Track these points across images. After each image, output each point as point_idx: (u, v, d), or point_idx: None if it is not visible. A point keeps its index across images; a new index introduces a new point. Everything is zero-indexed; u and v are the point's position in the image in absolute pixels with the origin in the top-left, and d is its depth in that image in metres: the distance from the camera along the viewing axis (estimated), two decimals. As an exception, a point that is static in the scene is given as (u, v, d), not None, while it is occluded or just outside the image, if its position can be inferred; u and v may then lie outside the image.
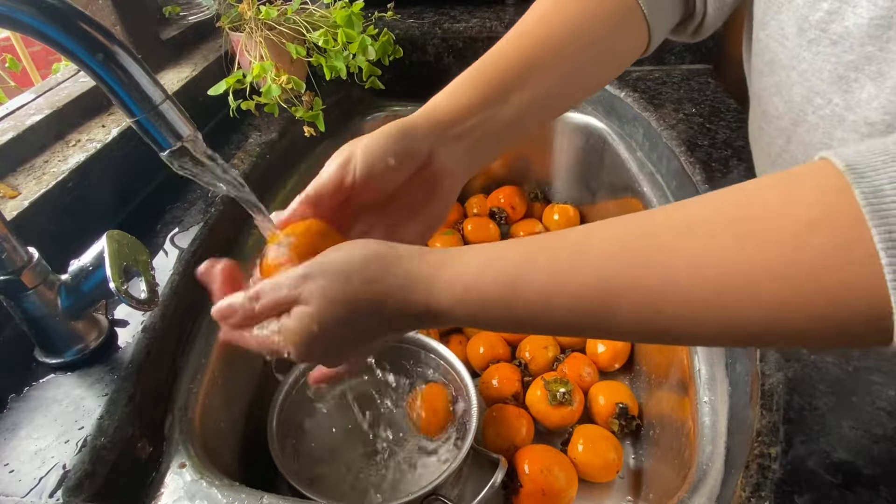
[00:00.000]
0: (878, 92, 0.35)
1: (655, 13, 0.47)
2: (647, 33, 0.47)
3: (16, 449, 0.44)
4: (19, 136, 0.63)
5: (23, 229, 0.53)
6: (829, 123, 0.39)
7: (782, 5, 0.41)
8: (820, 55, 0.38)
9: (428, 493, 0.57)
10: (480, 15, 1.00)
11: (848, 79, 0.37)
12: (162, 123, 0.36)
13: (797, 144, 0.43)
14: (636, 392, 0.78)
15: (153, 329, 0.54)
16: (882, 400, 0.44)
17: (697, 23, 0.50)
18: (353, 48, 0.84)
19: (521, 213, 1.06)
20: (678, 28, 0.51)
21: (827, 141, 0.40)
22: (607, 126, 0.94)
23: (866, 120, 0.36)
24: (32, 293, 0.47)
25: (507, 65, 0.44)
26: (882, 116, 0.35)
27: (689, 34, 0.52)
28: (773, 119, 0.45)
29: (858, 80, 0.36)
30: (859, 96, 0.36)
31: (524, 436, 0.72)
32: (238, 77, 0.81)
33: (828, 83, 0.38)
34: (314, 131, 0.85)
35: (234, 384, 0.64)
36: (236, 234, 0.72)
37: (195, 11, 0.93)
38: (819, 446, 0.42)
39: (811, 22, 0.38)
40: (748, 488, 0.40)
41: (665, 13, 0.48)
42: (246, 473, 0.63)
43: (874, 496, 0.39)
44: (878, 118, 0.36)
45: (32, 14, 0.32)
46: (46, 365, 0.51)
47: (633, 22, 0.46)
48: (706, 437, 0.51)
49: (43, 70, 1.08)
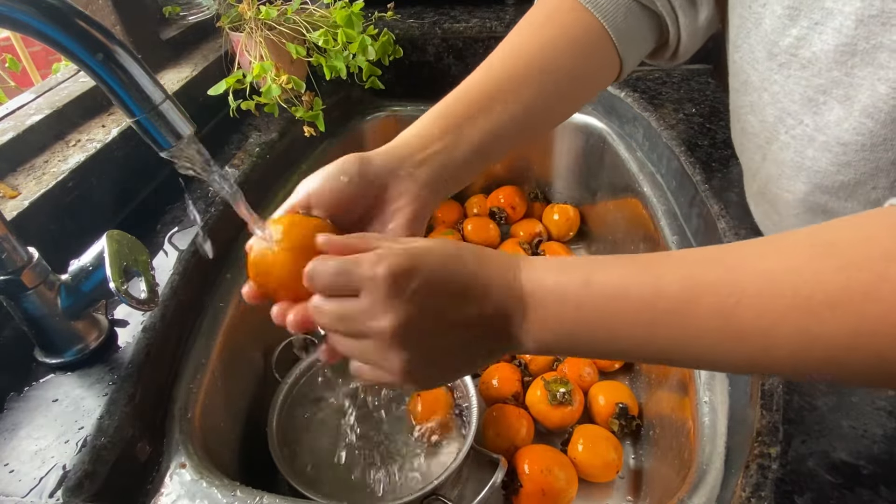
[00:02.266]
0: (847, 114, 0.36)
1: (626, 42, 0.48)
2: (619, 61, 0.48)
3: (16, 449, 0.44)
4: (19, 136, 0.63)
5: (23, 229, 0.53)
6: (800, 143, 0.40)
7: (751, 30, 0.42)
8: (791, 78, 0.39)
9: (428, 493, 0.57)
10: (480, 15, 1.00)
11: (817, 101, 0.38)
12: (162, 123, 0.35)
13: (771, 161, 0.45)
14: (636, 392, 0.78)
15: (153, 329, 0.54)
16: (882, 400, 0.44)
17: (672, 50, 0.51)
18: (353, 48, 0.84)
19: (521, 212, 1.06)
20: (654, 55, 0.53)
21: (799, 160, 0.41)
22: (607, 126, 0.94)
23: (839, 140, 0.38)
24: (32, 293, 0.47)
25: (469, 97, 0.45)
26: (855, 137, 0.37)
27: (665, 60, 0.53)
28: (751, 136, 0.46)
29: (827, 103, 0.38)
30: (828, 118, 0.38)
31: (524, 436, 0.72)
32: (238, 77, 0.81)
33: (799, 104, 0.39)
34: (314, 131, 0.85)
35: (234, 384, 0.64)
36: (236, 235, 0.72)
37: (195, 11, 0.93)
38: (819, 446, 0.42)
39: (781, 47, 0.39)
40: (748, 488, 0.40)
41: (636, 42, 0.49)
42: (246, 473, 0.63)
43: (874, 496, 0.39)
44: (850, 139, 0.37)
45: (32, 14, 0.32)
46: (46, 365, 0.51)
47: (603, 50, 0.47)
48: (706, 437, 0.51)
49: (43, 70, 1.08)
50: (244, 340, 0.68)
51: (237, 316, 0.65)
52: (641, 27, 0.49)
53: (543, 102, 0.47)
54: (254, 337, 0.70)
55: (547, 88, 0.46)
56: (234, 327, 0.64)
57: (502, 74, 0.46)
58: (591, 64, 0.48)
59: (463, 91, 0.46)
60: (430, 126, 0.44)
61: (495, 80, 0.45)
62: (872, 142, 0.36)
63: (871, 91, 0.34)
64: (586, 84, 0.49)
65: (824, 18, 0.36)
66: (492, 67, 0.46)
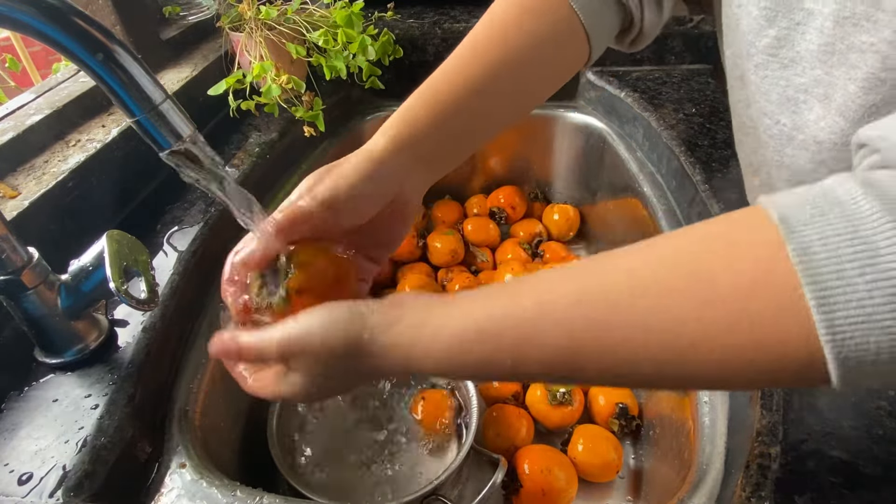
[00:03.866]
0: (825, 113, 0.37)
1: (595, 27, 0.48)
2: (588, 47, 0.49)
3: (16, 449, 0.44)
4: (19, 136, 0.63)
5: (23, 229, 0.53)
6: (778, 142, 0.41)
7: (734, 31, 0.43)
8: (767, 79, 0.40)
9: (428, 493, 0.57)
10: (480, 15, 0.99)
11: (797, 100, 0.38)
12: (162, 123, 0.36)
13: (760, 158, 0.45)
14: (636, 392, 0.77)
15: (153, 329, 0.54)
16: (882, 400, 0.44)
17: (636, 33, 0.52)
18: (353, 48, 0.84)
19: (521, 213, 1.06)
20: (617, 39, 0.53)
21: (779, 158, 0.42)
22: (607, 126, 0.94)
23: (815, 139, 0.38)
24: (32, 293, 0.47)
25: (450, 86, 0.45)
26: (829, 136, 0.37)
27: (626, 45, 0.54)
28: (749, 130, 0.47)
29: (807, 102, 0.38)
30: (807, 117, 0.38)
31: (524, 436, 0.72)
32: (238, 77, 0.81)
33: (776, 104, 0.40)
34: (314, 131, 0.85)
35: (234, 384, 0.64)
36: (236, 235, 0.72)
37: (195, 11, 0.93)
38: (819, 446, 0.42)
39: (758, 47, 0.40)
40: (748, 488, 0.40)
41: (604, 27, 0.50)
42: (246, 473, 0.63)
43: (874, 496, 0.39)
44: (825, 138, 0.37)
45: (32, 14, 0.32)
46: (46, 365, 0.51)
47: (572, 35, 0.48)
48: (706, 437, 0.51)
49: (43, 70, 1.08)
50: (244, 340, 0.68)
51: (237, 316, 0.65)
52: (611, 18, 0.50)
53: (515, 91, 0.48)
54: (254, 337, 0.70)
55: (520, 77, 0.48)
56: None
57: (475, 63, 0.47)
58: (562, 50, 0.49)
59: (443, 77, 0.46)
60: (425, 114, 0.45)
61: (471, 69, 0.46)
62: (843, 140, 0.36)
63: (843, 90, 0.35)
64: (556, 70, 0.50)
65: (806, 19, 0.36)
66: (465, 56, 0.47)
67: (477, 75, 0.46)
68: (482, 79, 0.46)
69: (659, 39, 0.93)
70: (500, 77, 0.46)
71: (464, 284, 0.89)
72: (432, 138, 0.44)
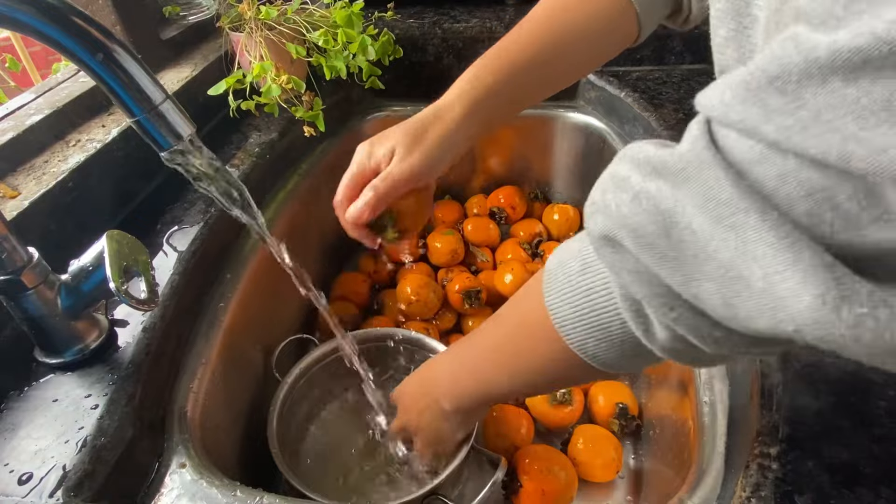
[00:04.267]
0: None
1: (647, 12, 0.53)
2: (637, 27, 0.54)
3: (16, 449, 0.44)
4: (19, 136, 0.63)
5: (23, 229, 0.53)
6: None
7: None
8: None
9: (428, 493, 0.57)
10: (480, 15, 1.00)
11: None
12: (162, 123, 0.36)
13: None
14: (636, 392, 0.78)
15: (153, 329, 0.54)
16: (882, 400, 0.44)
17: (685, 17, 0.56)
18: (353, 48, 0.84)
19: (521, 213, 1.06)
20: (669, 19, 0.57)
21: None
22: (607, 126, 0.94)
23: None
24: (32, 293, 0.47)
25: (522, 55, 0.52)
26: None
27: (678, 24, 0.57)
28: None
29: None
30: None
31: (524, 436, 0.72)
32: (238, 77, 0.81)
33: None
34: (314, 131, 0.85)
35: (234, 384, 0.64)
36: (236, 235, 0.72)
37: (195, 11, 0.93)
38: (819, 446, 0.42)
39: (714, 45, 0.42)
40: (748, 488, 0.40)
41: (655, 11, 0.55)
42: (246, 473, 0.63)
43: (874, 496, 0.39)
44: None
45: (32, 14, 0.32)
46: (46, 365, 0.51)
47: (624, 14, 0.53)
48: (706, 437, 0.51)
49: (43, 70, 1.08)
50: (244, 340, 0.68)
51: (237, 316, 0.65)
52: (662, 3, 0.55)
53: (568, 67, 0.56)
54: (254, 337, 0.71)
55: (577, 54, 0.54)
56: (234, 327, 0.64)
57: (535, 40, 0.53)
58: (614, 30, 0.54)
59: (506, 48, 0.53)
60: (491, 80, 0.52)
61: (531, 45, 0.53)
62: None
63: None
64: (607, 49, 0.56)
65: (752, 24, 0.37)
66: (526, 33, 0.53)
67: (546, 46, 0.52)
68: (550, 50, 0.52)
69: (659, 39, 0.93)
70: (563, 50, 0.53)
71: (464, 284, 0.89)
72: (495, 104, 0.52)
